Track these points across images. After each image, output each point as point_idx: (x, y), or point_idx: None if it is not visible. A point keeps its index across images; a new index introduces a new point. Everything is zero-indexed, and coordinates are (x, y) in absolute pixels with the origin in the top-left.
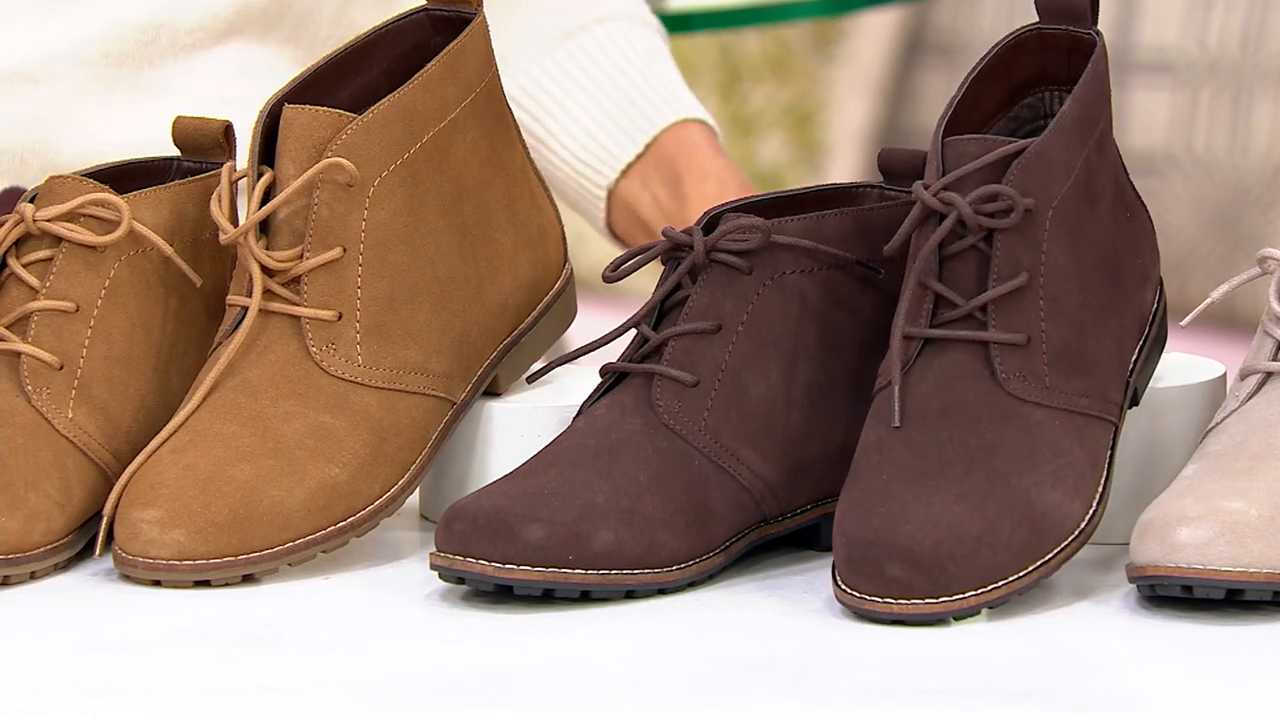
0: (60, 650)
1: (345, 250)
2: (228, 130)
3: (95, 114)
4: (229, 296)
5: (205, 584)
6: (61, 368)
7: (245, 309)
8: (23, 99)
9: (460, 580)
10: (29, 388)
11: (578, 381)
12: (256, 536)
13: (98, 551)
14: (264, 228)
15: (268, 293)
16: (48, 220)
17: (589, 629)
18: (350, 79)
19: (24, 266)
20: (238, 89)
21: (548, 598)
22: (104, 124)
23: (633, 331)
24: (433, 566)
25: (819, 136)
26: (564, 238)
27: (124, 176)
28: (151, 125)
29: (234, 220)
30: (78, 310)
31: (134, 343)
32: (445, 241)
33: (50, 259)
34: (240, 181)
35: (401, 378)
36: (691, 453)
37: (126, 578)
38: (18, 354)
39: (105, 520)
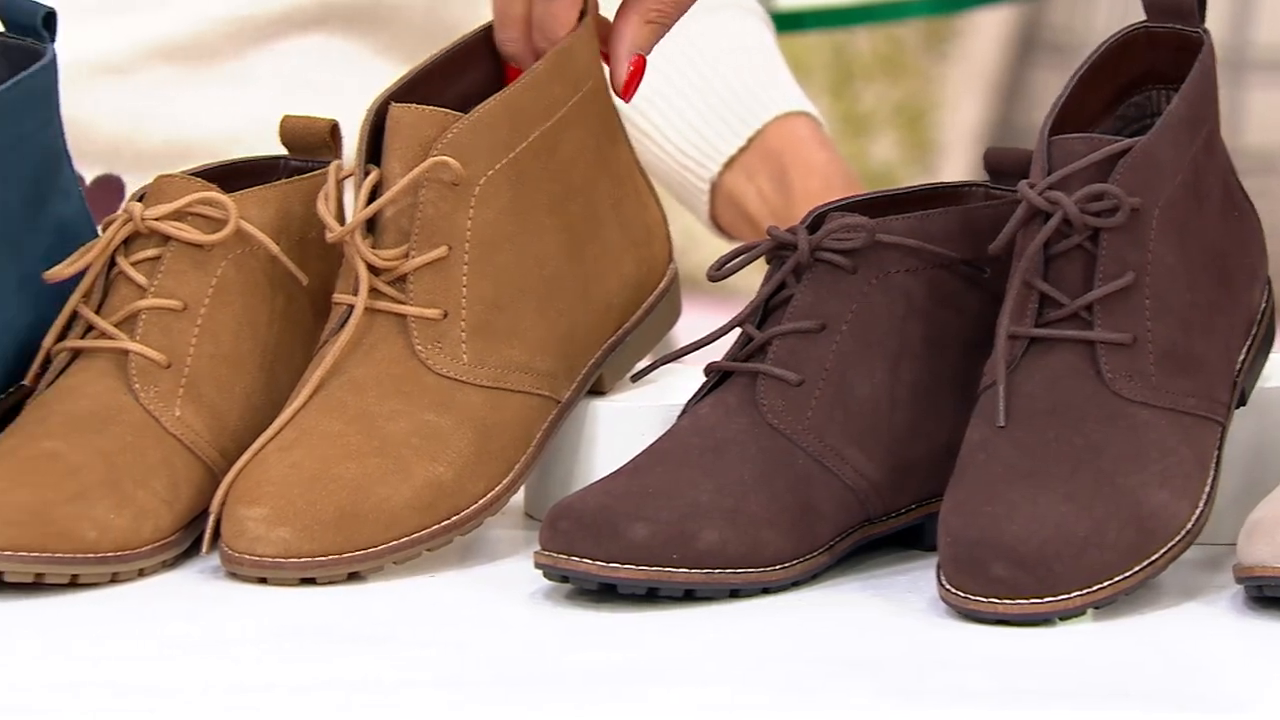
0: (167, 647)
1: (451, 249)
2: (334, 129)
3: (183, 105)
4: (335, 295)
5: (311, 581)
6: (169, 366)
7: (351, 307)
8: (112, 91)
9: (565, 579)
10: (137, 386)
11: (682, 380)
12: (362, 534)
13: (205, 549)
14: (370, 226)
15: (374, 291)
16: (156, 219)
17: (693, 628)
18: (457, 79)
19: (132, 265)
20: (323, 77)
21: (652, 597)
22: (192, 114)
23: (737, 330)
24: (537, 565)
25: (931, 135)
26: (669, 237)
27: (231, 175)
28: (240, 115)
29: (341, 218)
30: (185, 309)
31: (241, 341)
32: (552, 241)
33: (158, 258)
34: (347, 180)
35: (507, 376)
36: (796, 452)
37: (234, 575)
38: (126, 352)
39: (212, 518)
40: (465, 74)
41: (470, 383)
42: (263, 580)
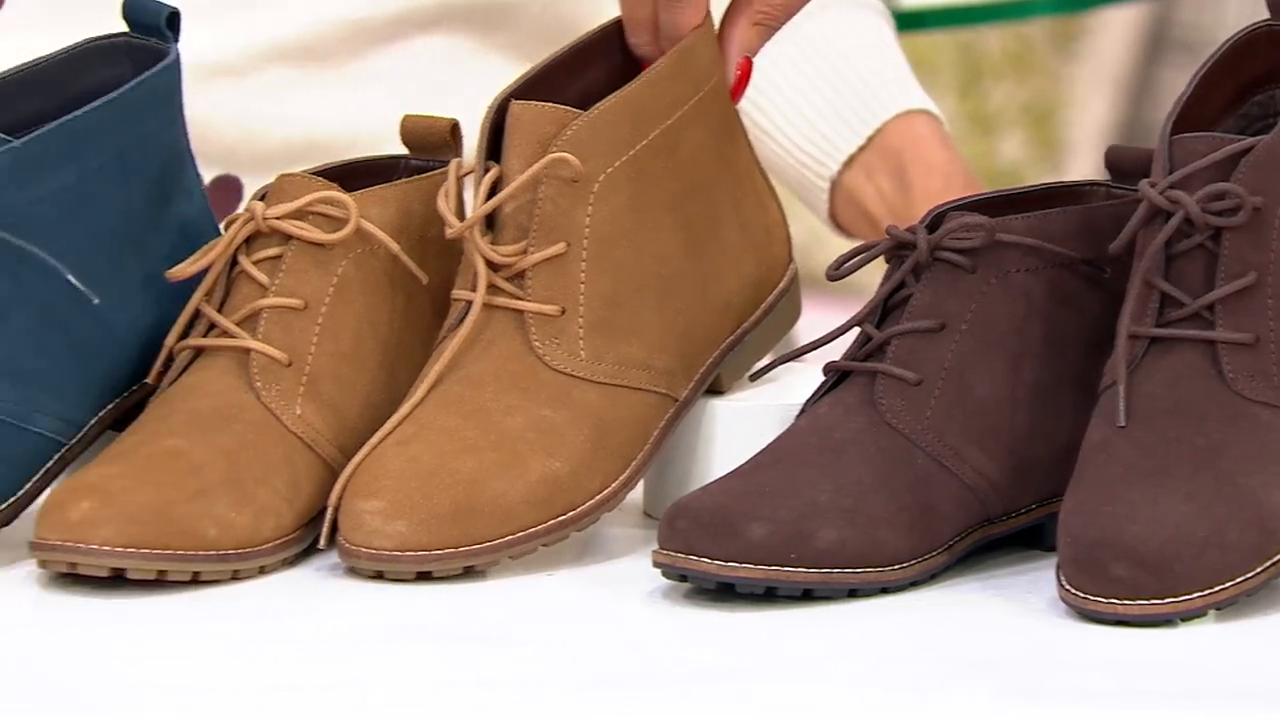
0: (288, 645)
1: (569, 245)
2: (454, 129)
3: (300, 105)
4: (454, 291)
5: (427, 575)
6: (290, 364)
7: (469, 303)
8: (229, 92)
9: (683, 578)
10: (258, 384)
11: (800, 380)
12: (478, 529)
13: (323, 543)
14: (490, 223)
15: (492, 287)
16: (277, 218)
17: (811, 628)
18: (578, 77)
19: (254, 264)
20: (441, 77)
21: (770, 596)
22: (310, 115)
23: (856, 330)
24: (655, 564)
25: (1060, 135)
26: (788, 238)
27: (352, 175)
28: (358, 115)
29: (460, 215)
30: (306, 307)
31: (361, 340)
32: (671, 239)
33: (279, 256)
34: (467, 178)
35: (624, 373)
36: (915, 451)
37: (351, 570)
38: (248, 350)
39: (330, 511)
40: (586, 72)
41: (587, 379)
42: (379, 574)
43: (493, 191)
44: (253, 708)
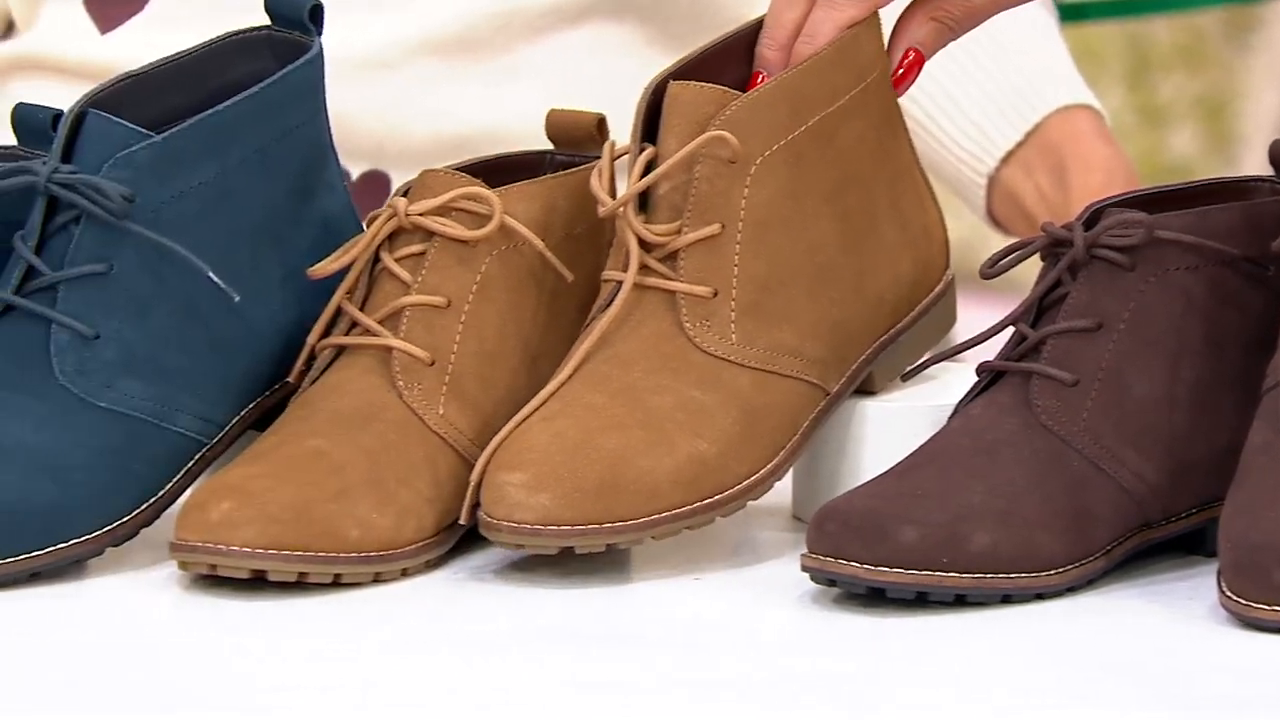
0: (429, 647)
1: (724, 227)
2: (601, 123)
3: (449, 99)
4: (605, 271)
5: (569, 551)
6: (433, 363)
7: (620, 283)
8: (378, 86)
9: (831, 582)
10: (400, 383)
11: (954, 380)
12: (623, 505)
13: (464, 518)
14: (644, 203)
15: (644, 267)
16: (420, 214)
17: (964, 635)
18: (731, 68)
19: (396, 261)
20: (591, 69)
21: (921, 601)
22: (459, 109)
23: (1010, 329)
24: (804, 568)
25: (1233, 128)
26: (947, 241)
27: (496, 170)
28: (506, 109)
29: (614, 195)
30: (449, 305)
31: (505, 338)
32: (826, 228)
33: (423, 254)
34: (620, 160)
35: (775, 359)
36: (1070, 453)
37: (494, 542)
38: (390, 349)
39: (472, 485)
40: (740, 64)
41: (738, 363)
42: (520, 546)
43: (647, 172)
44: (392, 711)
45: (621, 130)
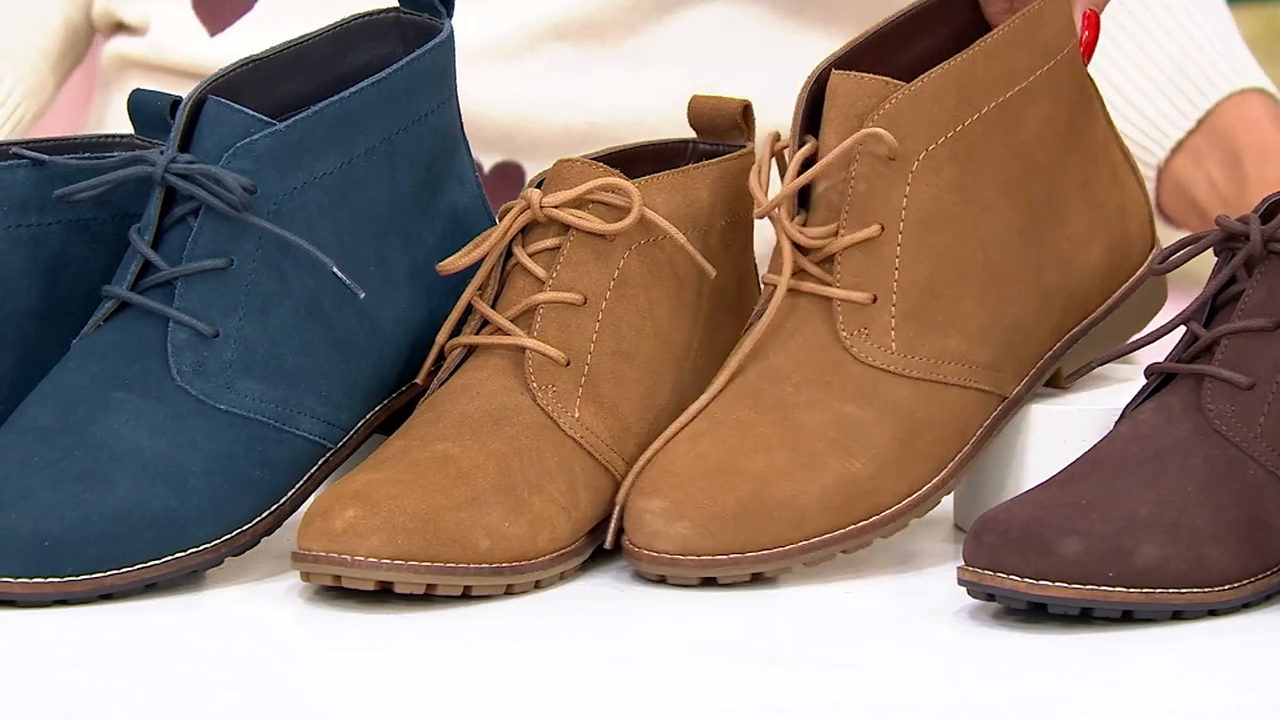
0: (565, 663)
1: (884, 228)
2: (747, 110)
3: (579, 85)
4: (765, 274)
5: (712, 582)
6: (568, 364)
7: (775, 287)
8: (505, 74)
9: (990, 597)
10: (534, 385)
11: (1122, 382)
12: (766, 533)
13: (609, 542)
14: (804, 203)
15: (800, 271)
16: (555, 207)
17: (1131, 652)
18: (911, 45)
19: (530, 256)
20: (723, 45)
21: (1085, 617)
22: (589, 94)
23: (1182, 329)
24: (961, 581)
25: None
26: (1150, 218)
27: (635, 160)
28: (641, 94)
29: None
30: (585, 303)
31: (643, 338)
32: (1002, 222)
33: (557, 248)
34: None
35: (940, 368)
36: (1245, 461)
37: (636, 574)
38: (523, 349)
39: (617, 509)
40: (923, 39)
41: (898, 373)
42: (661, 578)
43: (805, 168)
44: None
45: (765, 117)
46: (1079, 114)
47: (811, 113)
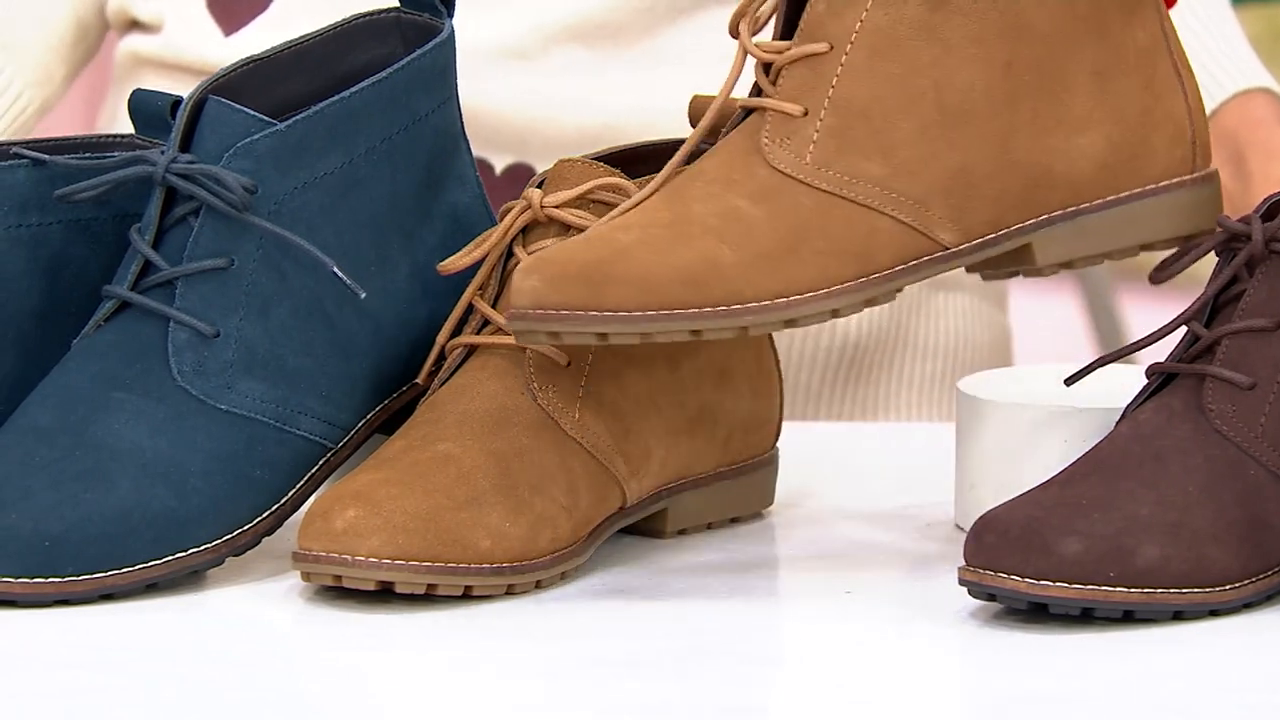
0: (566, 663)
1: (832, 47)
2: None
3: (593, 87)
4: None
5: (555, 336)
6: (569, 364)
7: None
8: (518, 76)
9: (991, 597)
10: (535, 385)
11: (1122, 382)
12: (612, 295)
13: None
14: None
15: (754, 88)
16: (555, 206)
17: (1131, 652)
18: None
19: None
20: (736, 48)
21: (1086, 617)
22: (603, 97)
23: (1183, 329)
24: (962, 581)
25: None
26: (1194, 141)
27: (636, 159)
28: (652, 94)
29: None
30: None
31: None
32: (966, 71)
33: None
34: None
35: (851, 185)
36: (1246, 461)
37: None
38: (524, 349)
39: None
40: None
41: (804, 182)
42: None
43: None
44: None
45: None
46: (1113, 9)
47: None
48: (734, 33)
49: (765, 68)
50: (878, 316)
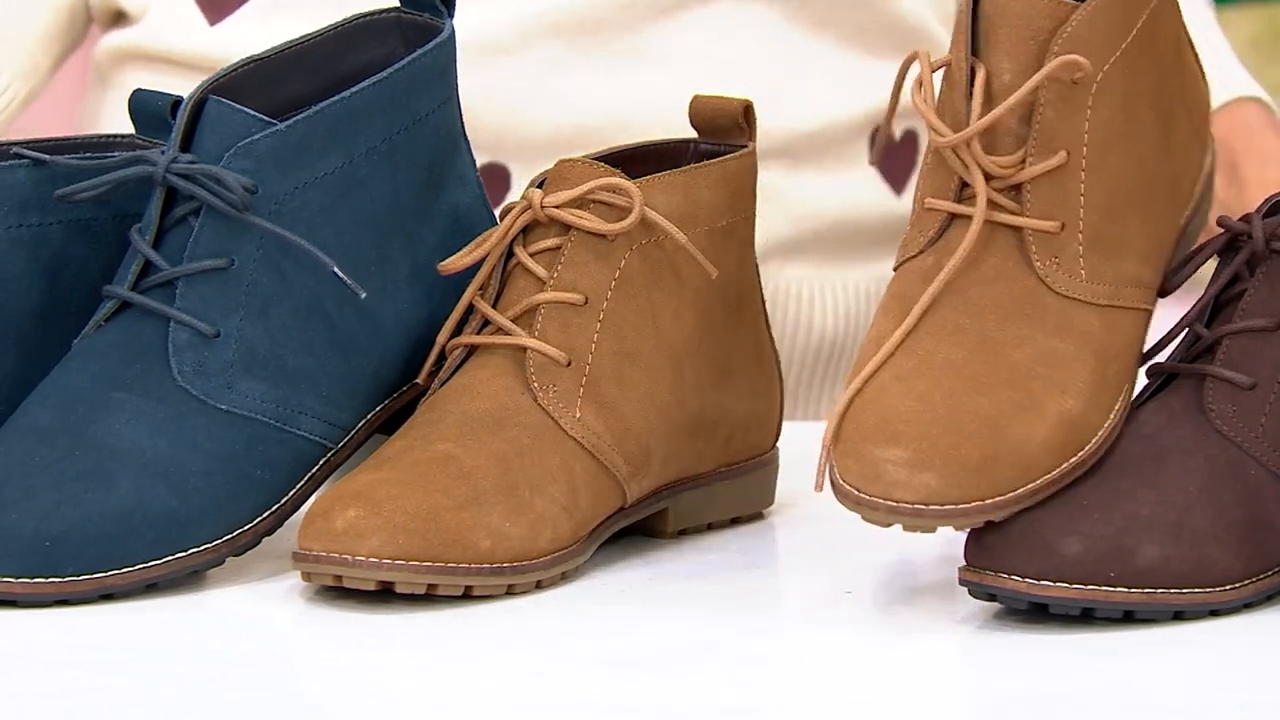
0: (565, 663)
1: (1069, 155)
2: (748, 110)
3: (572, 85)
4: (928, 200)
5: (929, 529)
6: (569, 364)
7: (951, 216)
8: (496, 71)
9: (992, 597)
10: (535, 385)
11: None
12: (1003, 480)
13: (816, 486)
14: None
15: (990, 203)
16: (556, 206)
17: (1132, 653)
18: None
19: (531, 256)
20: (722, 52)
21: (1086, 617)
22: (581, 95)
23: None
24: (962, 581)
25: None
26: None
27: (636, 159)
28: (632, 94)
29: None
30: (586, 302)
31: (644, 338)
32: (1151, 137)
33: (558, 248)
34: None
35: (1121, 293)
36: (1247, 461)
37: (866, 520)
38: (524, 349)
39: (824, 450)
40: None
41: (1088, 301)
42: (889, 526)
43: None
44: None
45: (767, 120)
46: (1176, 10)
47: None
48: (959, 149)
49: (989, 178)
50: (855, 313)
